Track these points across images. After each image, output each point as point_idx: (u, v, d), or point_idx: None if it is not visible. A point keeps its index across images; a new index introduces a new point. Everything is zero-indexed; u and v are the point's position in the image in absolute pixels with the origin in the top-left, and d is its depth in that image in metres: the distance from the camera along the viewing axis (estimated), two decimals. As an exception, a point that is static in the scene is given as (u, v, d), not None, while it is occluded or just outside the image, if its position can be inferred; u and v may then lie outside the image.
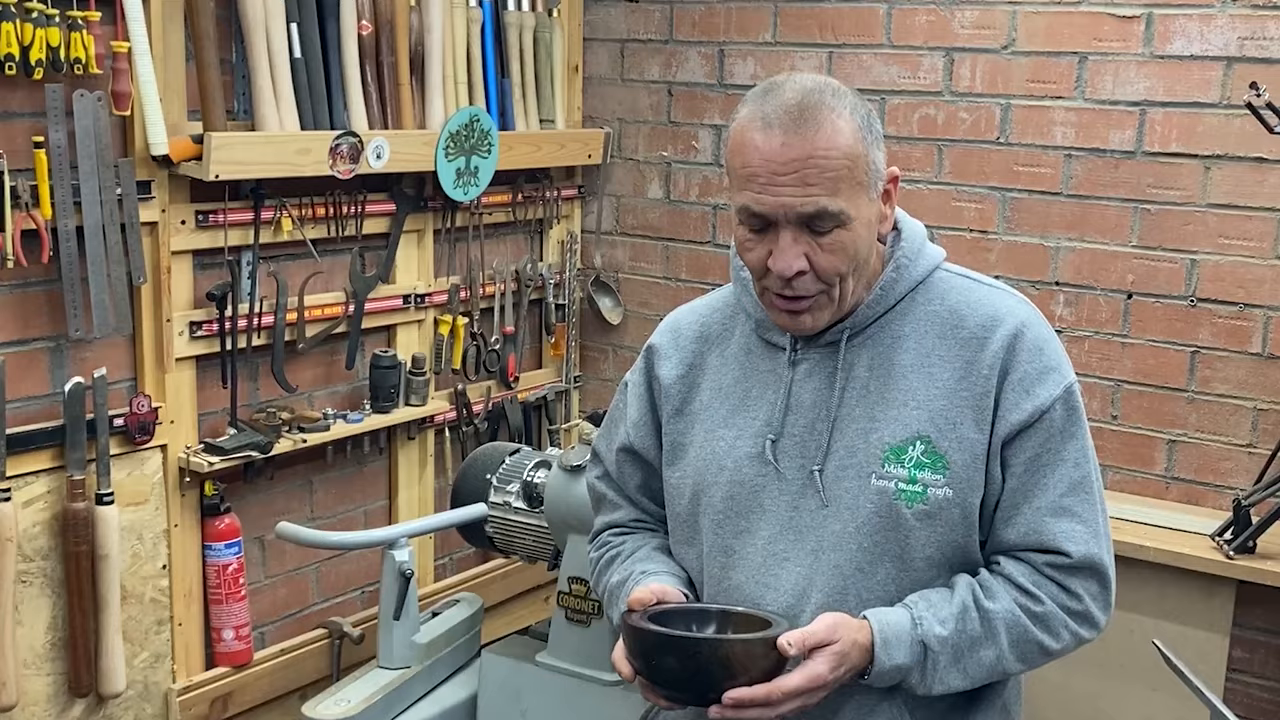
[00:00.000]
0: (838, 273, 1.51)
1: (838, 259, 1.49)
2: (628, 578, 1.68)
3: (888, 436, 1.54)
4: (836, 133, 1.46)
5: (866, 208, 1.51)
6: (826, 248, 1.49)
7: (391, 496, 3.23)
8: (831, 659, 1.45)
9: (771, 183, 1.46)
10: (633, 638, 1.50)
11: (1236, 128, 2.76)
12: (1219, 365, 2.86)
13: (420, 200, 3.11)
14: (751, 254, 1.53)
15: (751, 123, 1.48)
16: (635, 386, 1.76)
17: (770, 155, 1.46)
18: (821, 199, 1.46)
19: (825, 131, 1.45)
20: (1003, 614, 1.52)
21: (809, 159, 1.45)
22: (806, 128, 1.45)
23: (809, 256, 1.49)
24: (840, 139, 1.46)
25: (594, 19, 3.58)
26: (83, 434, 2.42)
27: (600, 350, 3.74)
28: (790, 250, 1.48)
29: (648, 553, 1.73)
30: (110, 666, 2.51)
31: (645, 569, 1.68)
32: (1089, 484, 1.56)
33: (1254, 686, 2.84)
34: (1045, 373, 1.54)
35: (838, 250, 1.49)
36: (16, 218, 2.26)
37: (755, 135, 1.47)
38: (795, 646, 1.43)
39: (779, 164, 1.45)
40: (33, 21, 2.20)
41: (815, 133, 1.45)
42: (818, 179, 1.45)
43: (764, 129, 1.47)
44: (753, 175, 1.47)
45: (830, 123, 1.46)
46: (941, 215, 3.11)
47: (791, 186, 1.45)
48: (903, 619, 1.50)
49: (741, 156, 1.49)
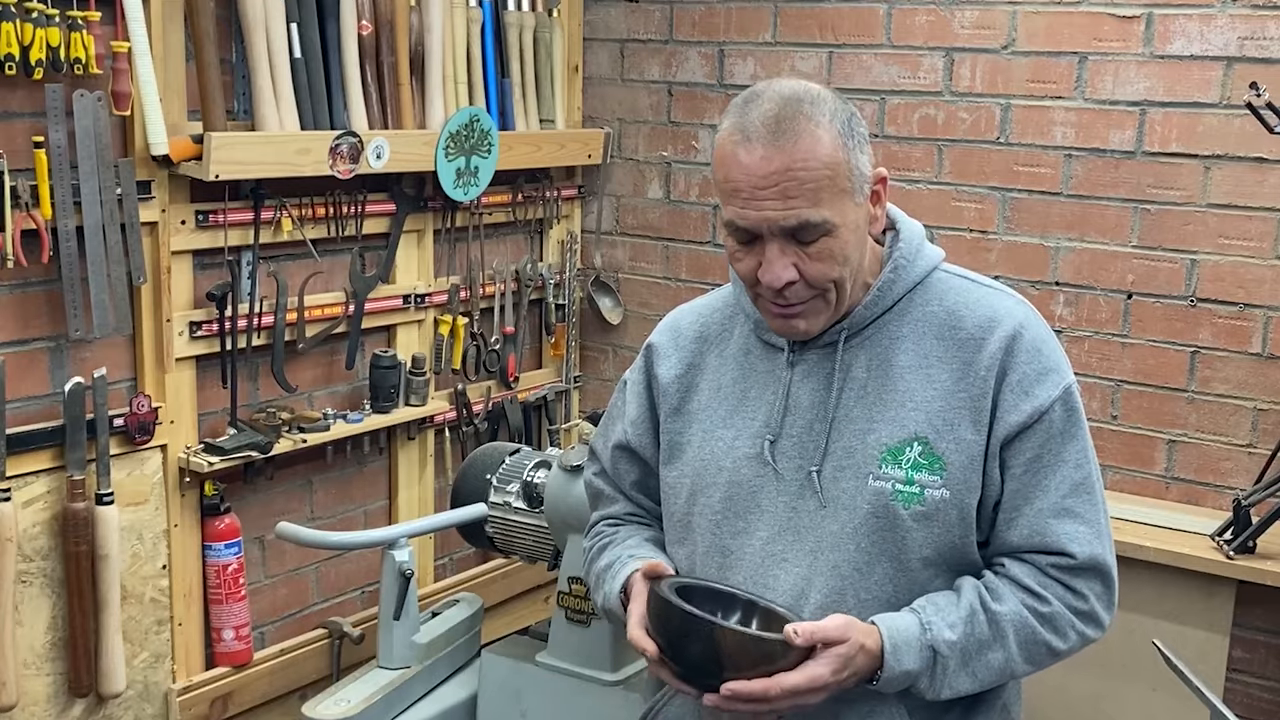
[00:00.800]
0: (828, 279, 1.51)
1: (826, 266, 1.50)
2: (615, 560, 1.69)
3: (885, 437, 1.54)
4: (816, 142, 1.46)
5: (853, 213, 1.51)
6: (814, 256, 1.49)
7: (391, 496, 3.23)
8: (835, 661, 1.44)
9: (754, 197, 1.47)
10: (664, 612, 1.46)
11: (1236, 128, 2.75)
12: (1219, 365, 2.86)
13: (420, 200, 3.11)
14: (741, 264, 1.54)
15: (732, 136, 1.49)
16: (634, 385, 1.76)
17: (751, 169, 1.46)
18: (803, 211, 1.46)
19: (804, 142, 1.45)
20: (1010, 616, 1.52)
21: (788, 171, 1.45)
22: (784, 140, 1.45)
23: (798, 266, 1.49)
24: (820, 149, 1.46)
25: (594, 19, 3.58)
26: (83, 434, 2.43)
27: (600, 350, 3.74)
28: (778, 262, 1.49)
29: (638, 541, 1.74)
30: (110, 666, 2.51)
31: (633, 553, 1.69)
32: (1090, 484, 1.56)
33: (1254, 686, 2.84)
34: (1044, 374, 1.54)
35: (826, 258, 1.49)
36: (16, 218, 2.26)
37: (737, 149, 1.48)
38: (802, 636, 1.42)
39: (759, 178, 1.46)
40: (33, 21, 2.21)
41: (794, 144, 1.45)
42: (798, 191, 1.45)
43: (744, 143, 1.47)
44: (736, 190, 1.48)
45: (809, 133, 1.46)
46: (941, 215, 3.11)
47: (773, 200, 1.46)
48: (911, 624, 1.49)
49: (724, 170, 1.50)
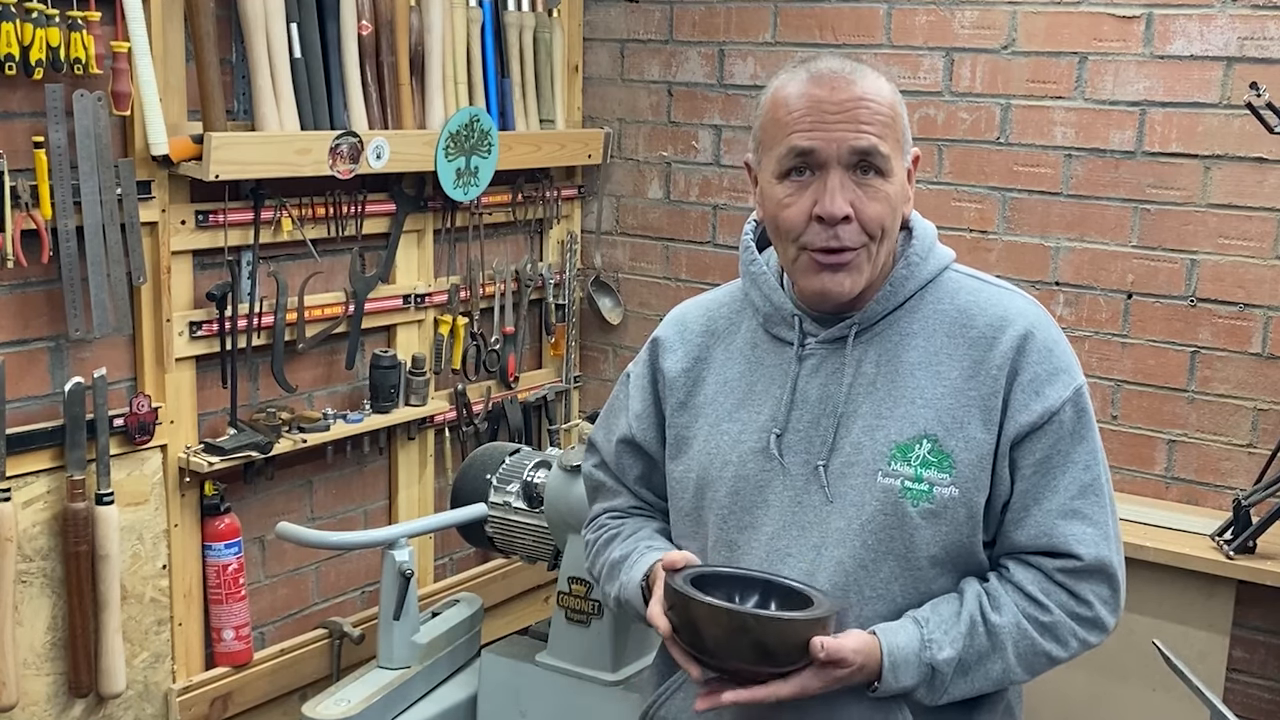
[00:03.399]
0: (880, 223, 1.51)
1: (882, 208, 1.51)
2: (631, 551, 1.68)
3: (894, 434, 1.53)
4: (882, 85, 1.53)
5: (900, 170, 1.54)
6: (871, 195, 1.50)
7: (391, 496, 3.23)
8: (830, 681, 1.46)
9: (823, 120, 1.50)
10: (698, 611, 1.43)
11: (1236, 128, 2.76)
12: (1219, 365, 2.86)
13: (420, 200, 3.11)
14: (792, 209, 1.52)
15: (795, 79, 1.54)
16: (638, 378, 1.75)
17: (821, 98, 1.51)
18: (873, 138, 1.49)
19: (872, 81, 1.53)
20: (1009, 628, 1.52)
21: (860, 100, 1.50)
22: (856, 76, 1.52)
23: (854, 205, 1.50)
24: (885, 90, 1.53)
25: (594, 19, 3.58)
26: (83, 434, 2.42)
27: (600, 350, 3.74)
28: (839, 193, 1.49)
29: (649, 533, 1.73)
30: (110, 666, 2.51)
31: (650, 544, 1.68)
32: (1099, 486, 1.55)
33: (1254, 686, 2.84)
34: (1055, 374, 1.54)
35: (882, 199, 1.51)
36: (16, 218, 2.26)
37: (805, 85, 1.52)
38: (827, 652, 1.42)
39: (831, 104, 1.50)
40: (33, 21, 2.20)
41: (864, 80, 1.52)
42: (870, 119, 1.50)
43: (813, 80, 1.52)
44: (802, 116, 1.51)
45: (874, 77, 1.53)
46: (941, 215, 3.11)
47: (844, 124, 1.49)
48: (912, 642, 1.49)
49: (786, 106, 1.52)
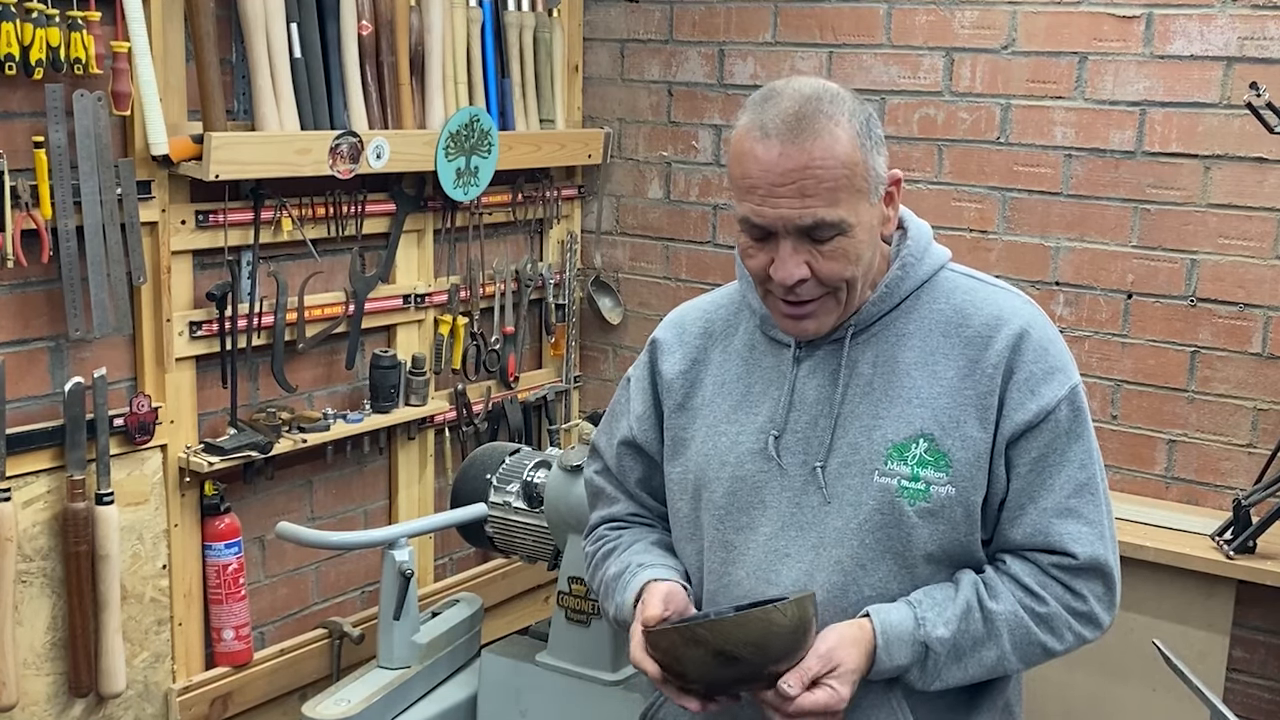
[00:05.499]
0: (840, 279, 1.51)
1: (839, 265, 1.50)
2: (625, 569, 1.68)
3: (891, 434, 1.54)
4: (834, 141, 1.45)
5: (867, 213, 1.50)
6: (827, 255, 1.49)
7: (391, 496, 3.23)
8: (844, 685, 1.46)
9: (771, 194, 1.46)
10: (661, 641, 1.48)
11: (1236, 128, 2.76)
12: (1219, 365, 2.86)
13: (420, 200, 3.11)
14: (754, 261, 1.53)
15: (750, 132, 1.49)
16: (638, 380, 1.76)
17: (768, 166, 1.46)
18: (819, 210, 1.46)
19: (823, 141, 1.45)
20: (1006, 615, 1.52)
21: (806, 169, 1.45)
22: (803, 138, 1.45)
23: (810, 264, 1.49)
24: (838, 148, 1.45)
25: (594, 19, 3.58)
26: (83, 434, 2.42)
27: (600, 350, 3.74)
28: (790, 260, 1.48)
29: (644, 546, 1.73)
30: (110, 666, 2.51)
31: (642, 561, 1.68)
32: (1094, 485, 1.56)
33: (1254, 686, 2.84)
34: (1050, 373, 1.54)
35: (839, 257, 1.49)
36: (16, 218, 2.26)
37: (754, 145, 1.47)
38: (796, 687, 1.44)
39: (776, 175, 1.45)
40: (33, 21, 2.20)
41: (813, 142, 1.45)
42: (815, 190, 1.45)
43: (762, 139, 1.47)
44: (752, 187, 1.48)
45: (828, 132, 1.45)
46: (941, 215, 3.11)
47: (790, 198, 1.46)
48: (906, 619, 1.50)
49: (741, 167, 1.49)
